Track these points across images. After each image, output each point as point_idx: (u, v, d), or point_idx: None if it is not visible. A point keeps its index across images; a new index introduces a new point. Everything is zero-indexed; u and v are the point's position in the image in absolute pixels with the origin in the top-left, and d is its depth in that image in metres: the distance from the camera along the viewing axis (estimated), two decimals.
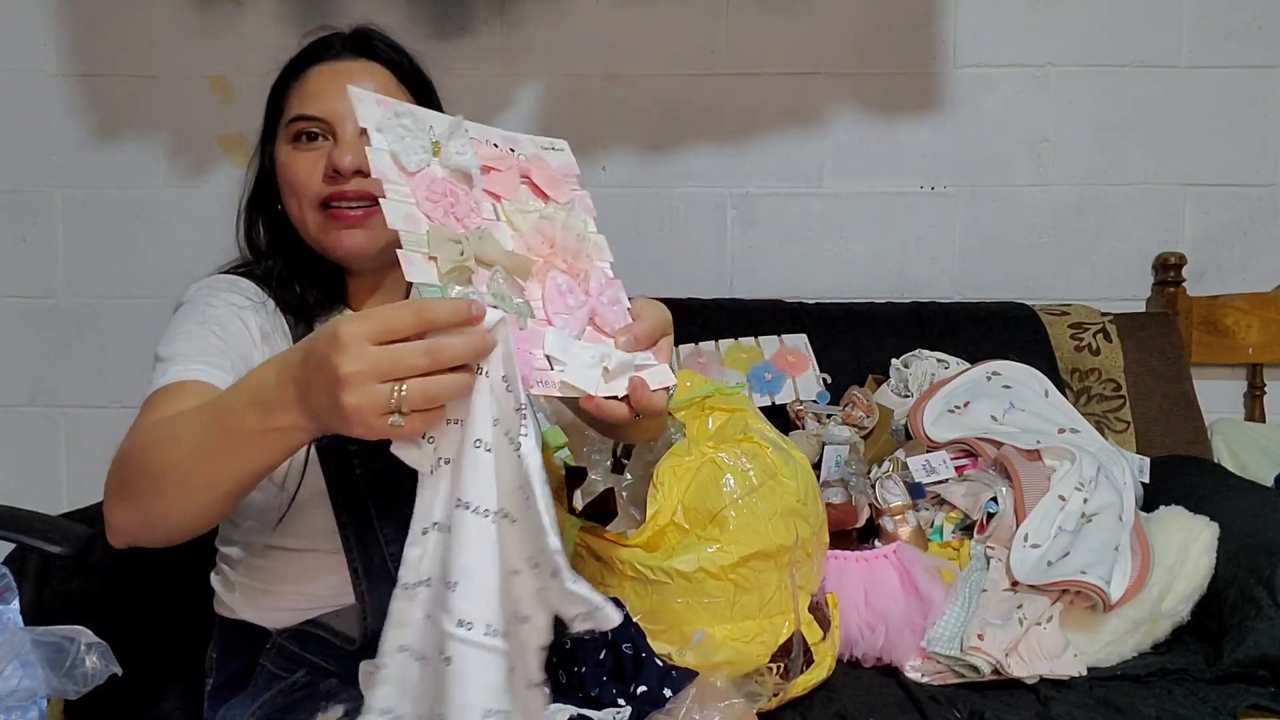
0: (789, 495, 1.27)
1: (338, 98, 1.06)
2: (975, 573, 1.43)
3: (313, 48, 1.13)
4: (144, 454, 0.85)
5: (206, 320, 1.05)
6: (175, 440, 0.83)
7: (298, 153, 1.09)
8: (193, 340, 1.02)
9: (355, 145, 1.06)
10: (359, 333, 0.67)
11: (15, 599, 0.92)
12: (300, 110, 1.09)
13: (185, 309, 1.09)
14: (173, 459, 0.82)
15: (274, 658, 1.10)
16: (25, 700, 0.85)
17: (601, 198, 2.19)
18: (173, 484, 0.82)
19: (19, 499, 1.34)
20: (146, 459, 0.85)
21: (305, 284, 1.13)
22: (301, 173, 1.08)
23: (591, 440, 1.40)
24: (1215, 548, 1.42)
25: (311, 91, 1.09)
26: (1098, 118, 2.03)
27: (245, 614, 1.12)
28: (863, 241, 2.05)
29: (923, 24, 2.01)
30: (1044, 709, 1.25)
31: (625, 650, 1.09)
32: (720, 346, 1.88)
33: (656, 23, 2.00)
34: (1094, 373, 1.89)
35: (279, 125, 1.12)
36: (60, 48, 2.00)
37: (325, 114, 1.08)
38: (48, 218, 2.04)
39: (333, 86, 1.08)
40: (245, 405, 0.77)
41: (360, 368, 0.67)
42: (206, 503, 0.83)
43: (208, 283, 1.13)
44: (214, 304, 1.07)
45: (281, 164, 1.10)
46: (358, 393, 0.67)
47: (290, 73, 1.13)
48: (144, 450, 0.86)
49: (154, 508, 0.85)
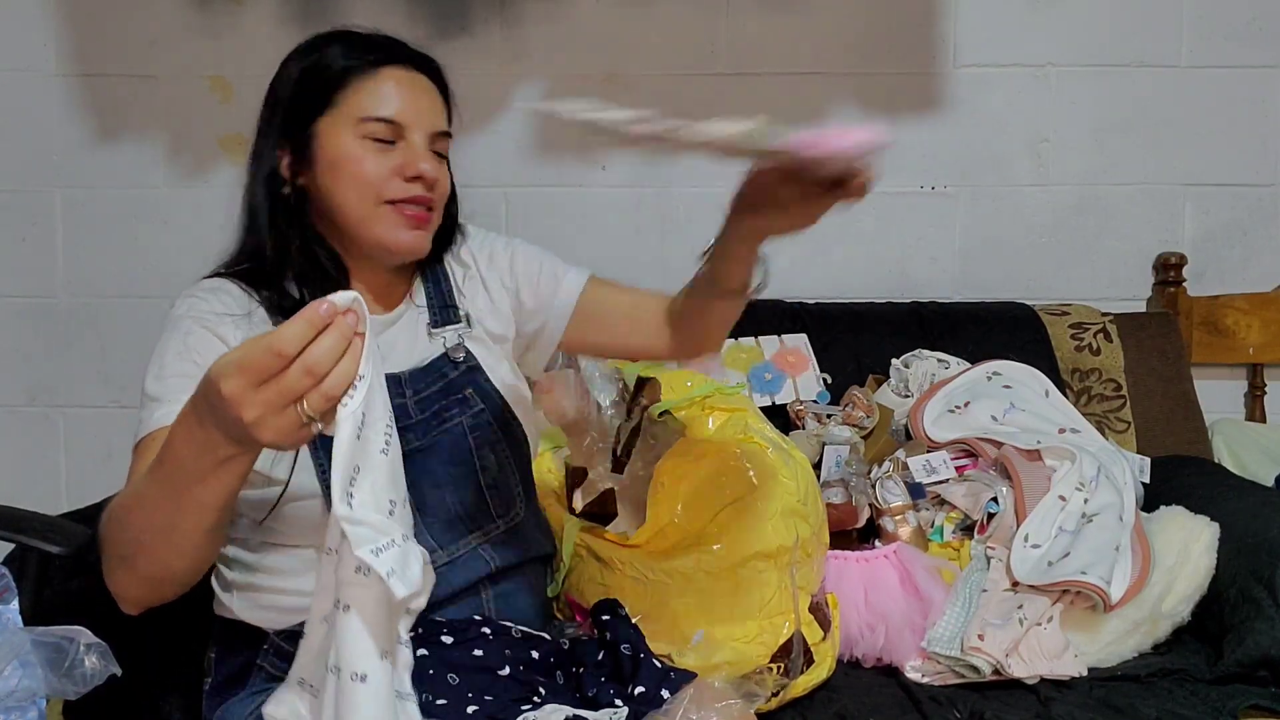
0: (789, 495, 1.27)
1: (414, 103, 1.14)
2: (975, 573, 1.43)
3: (374, 45, 1.16)
4: (122, 525, 0.90)
5: (187, 349, 1.07)
6: (144, 507, 0.87)
7: (369, 149, 1.12)
8: (179, 378, 1.03)
9: (428, 153, 1.14)
10: (238, 387, 0.73)
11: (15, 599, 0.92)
12: (377, 111, 1.12)
13: (169, 334, 1.11)
14: (150, 523, 0.87)
15: (271, 658, 1.10)
16: (24, 700, 0.85)
17: (601, 198, 2.21)
18: (159, 541, 0.87)
19: (19, 499, 1.34)
20: (126, 529, 0.90)
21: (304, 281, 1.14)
22: (371, 169, 1.12)
23: (592, 439, 1.40)
24: (1216, 548, 1.42)
25: (389, 95, 1.13)
26: (1098, 118, 2.03)
27: (243, 615, 1.12)
28: (863, 241, 2.05)
29: (923, 24, 2.01)
30: (1044, 709, 1.25)
31: (623, 651, 1.08)
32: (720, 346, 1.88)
33: (656, 23, 2.00)
34: (1094, 373, 1.89)
35: (326, 112, 1.13)
36: (60, 48, 2.00)
37: (401, 118, 1.13)
38: (48, 218, 2.04)
39: (408, 92, 1.14)
40: (189, 456, 0.81)
41: (259, 413, 0.73)
42: (195, 545, 0.88)
43: (193, 295, 1.14)
44: (193, 329, 1.09)
45: (345, 155, 1.12)
46: (270, 428, 0.73)
47: (349, 64, 1.14)
48: (121, 522, 0.91)
49: (151, 567, 0.90)
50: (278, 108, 1.16)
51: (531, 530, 1.22)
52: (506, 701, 1.00)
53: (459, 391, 1.18)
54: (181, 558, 0.89)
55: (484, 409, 1.18)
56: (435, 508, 1.13)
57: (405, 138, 1.13)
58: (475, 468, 1.16)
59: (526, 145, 2.03)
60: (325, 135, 1.13)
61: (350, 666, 0.74)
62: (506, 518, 1.18)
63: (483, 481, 1.17)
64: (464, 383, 1.19)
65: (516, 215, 2.03)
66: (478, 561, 1.14)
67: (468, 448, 1.16)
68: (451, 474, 1.15)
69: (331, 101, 1.13)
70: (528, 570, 1.21)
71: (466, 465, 1.15)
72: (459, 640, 1.06)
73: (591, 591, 1.26)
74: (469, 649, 1.06)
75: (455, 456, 1.15)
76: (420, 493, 1.12)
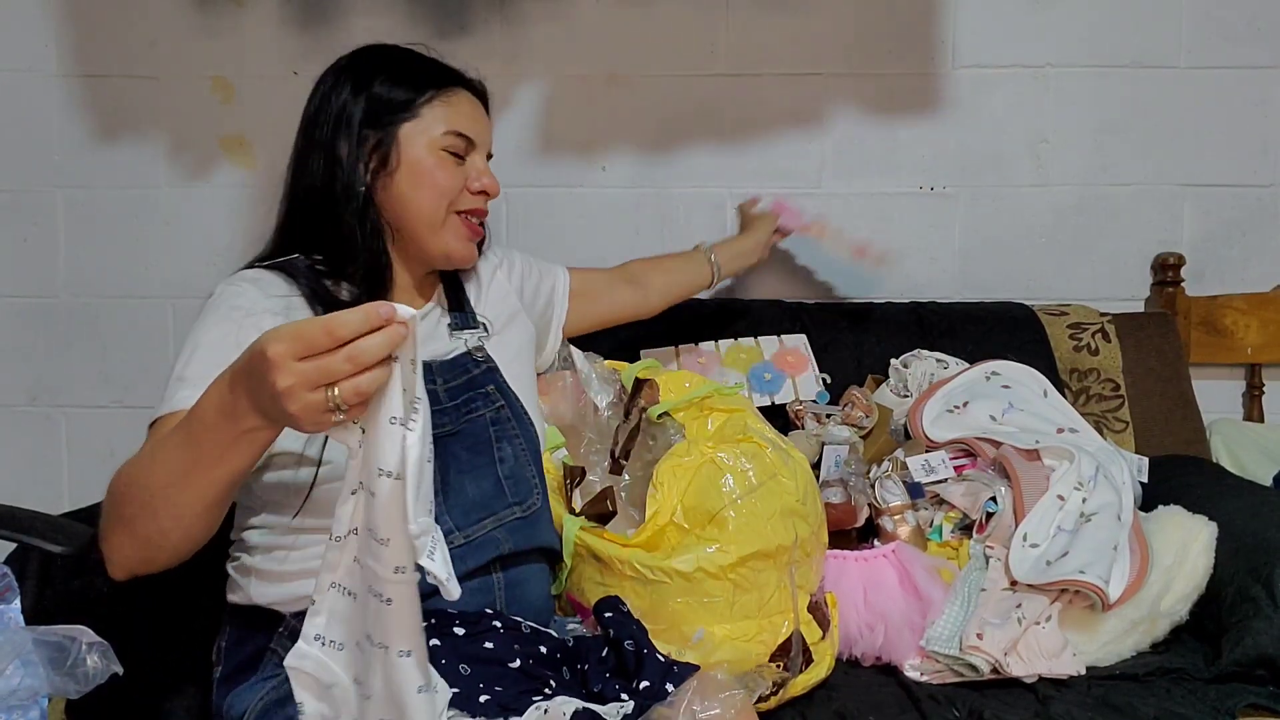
0: (788, 495, 1.27)
1: (483, 125, 1.30)
2: (974, 572, 1.43)
3: (448, 68, 1.30)
4: (132, 482, 0.93)
5: (224, 336, 1.09)
6: (157, 463, 0.91)
7: (446, 161, 1.25)
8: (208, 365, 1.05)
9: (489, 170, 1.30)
10: (283, 353, 0.75)
11: (16, 598, 0.93)
12: (461, 129, 1.26)
13: (207, 316, 1.13)
14: (159, 481, 0.90)
15: (285, 642, 1.12)
16: (27, 699, 0.85)
17: (601, 198, 2.21)
18: (163, 502, 0.90)
19: (19, 499, 1.34)
20: (135, 486, 0.93)
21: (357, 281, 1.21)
22: (448, 180, 1.25)
23: (590, 440, 1.40)
24: (1214, 547, 1.42)
25: (468, 115, 1.28)
26: (1097, 118, 2.03)
27: (261, 598, 1.14)
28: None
29: (922, 24, 2.01)
30: (1043, 708, 1.25)
31: (627, 647, 1.10)
32: (720, 346, 1.88)
33: (656, 23, 2.00)
34: (1093, 373, 1.90)
35: (406, 119, 1.23)
36: (61, 48, 2.01)
37: (475, 136, 1.28)
38: (49, 218, 2.04)
39: (479, 114, 1.31)
40: (212, 419, 0.85)
41: (293, 382, 0.75)
42: (195, 514, 0.91)
43: (234, 283, 1.17)
44: (231, 315, 1.12)
45: (428, 164, 1.23)
46: (297, 401, 0.76)
47: (430, 77, 1.26)
48: (131, 479, 0.93)
49: (149, 530, 0.93)
50: (358, 103, 1.22)
51: (545, 522, 1.27)
52: (517, 693, 1.01)
53: (482, 386, 1.25)
54: (179, 525, 0.92)
55: (504, 404, 1.25)
56: (456, 492, 1.17)
57: (472, 154, 1.27)
58: (494, 459, 1.22)
59: (527, 145, 2.03)
60: (407, 141, 1.23)
61: (396, 645, 0.81)
62: (523, 506, 1.22)
63: (500, 472, 1.22)
64: (485, 380, 1.26)
65: (516, 215, 2.04)
66: (491, 544, 1.17)
67: (488, 439, 1.22)
68: (473, 462, 1.20)
69: (417, 111, 1.23)
70: (538, 559, 1.25)
71: (487, 455, 1.21)
72: (470, 632, 1.08)
73: (592, 591, 1.27)
74: (480, 641, 1.07)
75: (477, 446, 1.21)
76: (445, 477, 1.17)
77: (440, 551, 0.78)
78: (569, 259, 1.62)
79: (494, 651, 1.07)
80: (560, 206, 2.04)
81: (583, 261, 1.66)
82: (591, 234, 2.04)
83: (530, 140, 2.03)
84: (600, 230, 2.04)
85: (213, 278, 1.24)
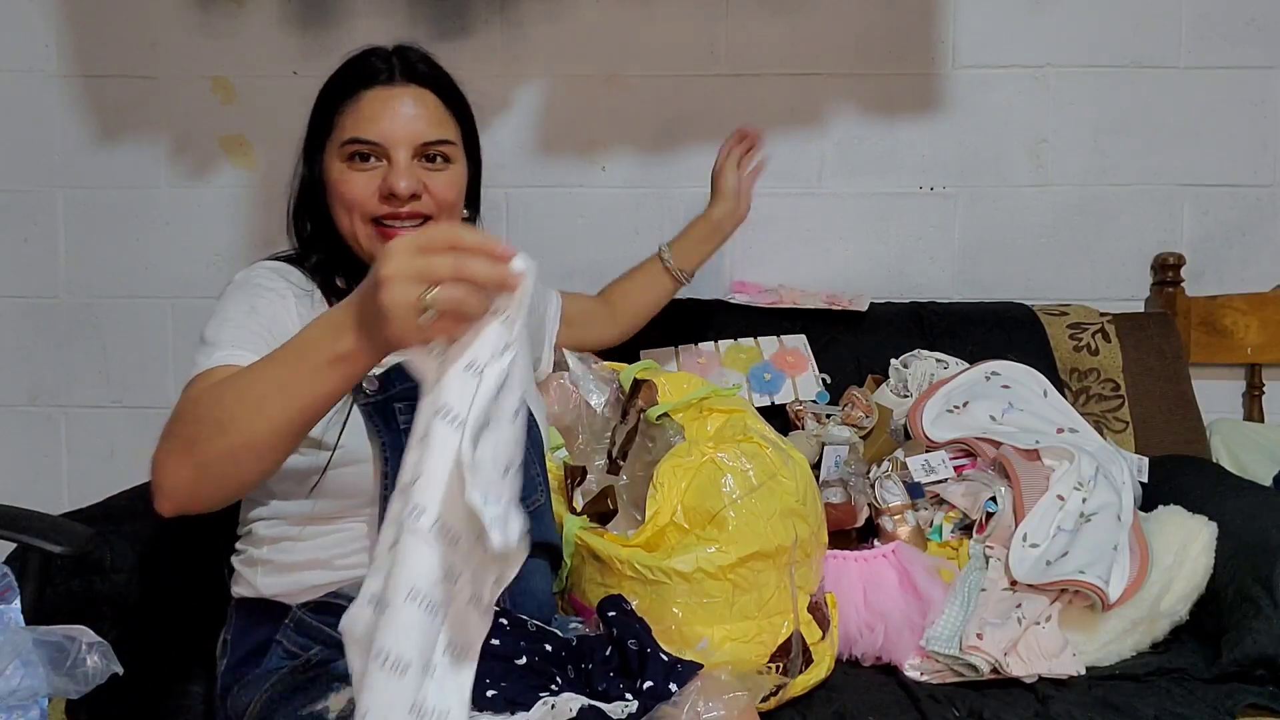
0: (788, 495, 1.27)
1: (391, 122, 1.19)
2: (974, 572, 1.43)
3: (363, 71, 1.23)
4: (209, 399, 0.92)
5: (254, 309, 1.12)
6: (244, 381, 0.90)
7: (353, 172, 1.19)
8: (240, 328, 1.09)
9: (409, 170, 1.19)
10: (402, 243, 0.77)
11: (16, 598, 0.93)
12: (355, 133, 1.19)
13: (233, 293, 1.16)
14: (240, 399, 0.89)
15: (291, 633, 1.12)
16: (27, 699, 0.85)
17: (601, 198, 2.21)
18: (237, 422, 0.88)
19: (19, 499, 1.34)
20: (212, 403, 0.91)
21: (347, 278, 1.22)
22: (356, 190, 1.19)
23: (585, 441, 1.40)
24: (1214, 547, 1.43)
25: (366, 116, 1.20)
26: (1097, 118, 2.03)
27: (268, 590, 1.15)
28: (862, 241, 2.05)
29: (922, 25, 2.01)
30: (1043, 708, 1.25)
31: (630, 647, 1.10)
32: (720, 346, 1.88)
33: (656, 23, 2.00)
34: (1093, 373, 1.90)
35: (327, 140, 1.22)
36: (61, 48, 2.01)
37: (379, 138, 1.19)
38: (49, 218, 2.04)
39: (386, 111, 1.20)
40: (318, 334, 0.86)
41: (396, 269, 0.76)
42: (264, 442, 0.88)
43: (258, 268, 1.20)
44: (261, 293, 1.14)
45: (334, 179, 1.20)
46: (395, 290, 0.76)
47: (340, 92, 1.22)
48: (209, 396, 0.92)
49: (212, 452, 0.90)
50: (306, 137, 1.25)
51: (548, 519, 1.27)
52: (524, 689, 1.01)
53: None
54: (245, 449, 0.89)
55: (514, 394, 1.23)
56: None
57: (389, 156, 1.19)
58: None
59: (526, 145, 2.03)
60: (325, 162, 1.22)
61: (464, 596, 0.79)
62: (527, 502, 1.21)
63: None
64: None
65: (516, 215, 2.04)
66: None
67: None
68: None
69: (329, 131, 1.21)
70: (541, 555, 1.24)
71: None
72: None
73: (592, 592, 1.27)
74: (488, 639, 1.07)
75: None
76: None
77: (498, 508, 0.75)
78: (569, 259, 1.63)
79: (501, 648, 1.07)
80: (560, 206, 2.04)
81: (582, 262, 1.67)
82: (591, 234, 2.04)
83: (530, 140, 2.03)
84: (600, 230, 2.04)
85: (213, 278, 1.25)
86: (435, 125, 1.22)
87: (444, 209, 1.22)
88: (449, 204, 1.23)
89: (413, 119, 1.20)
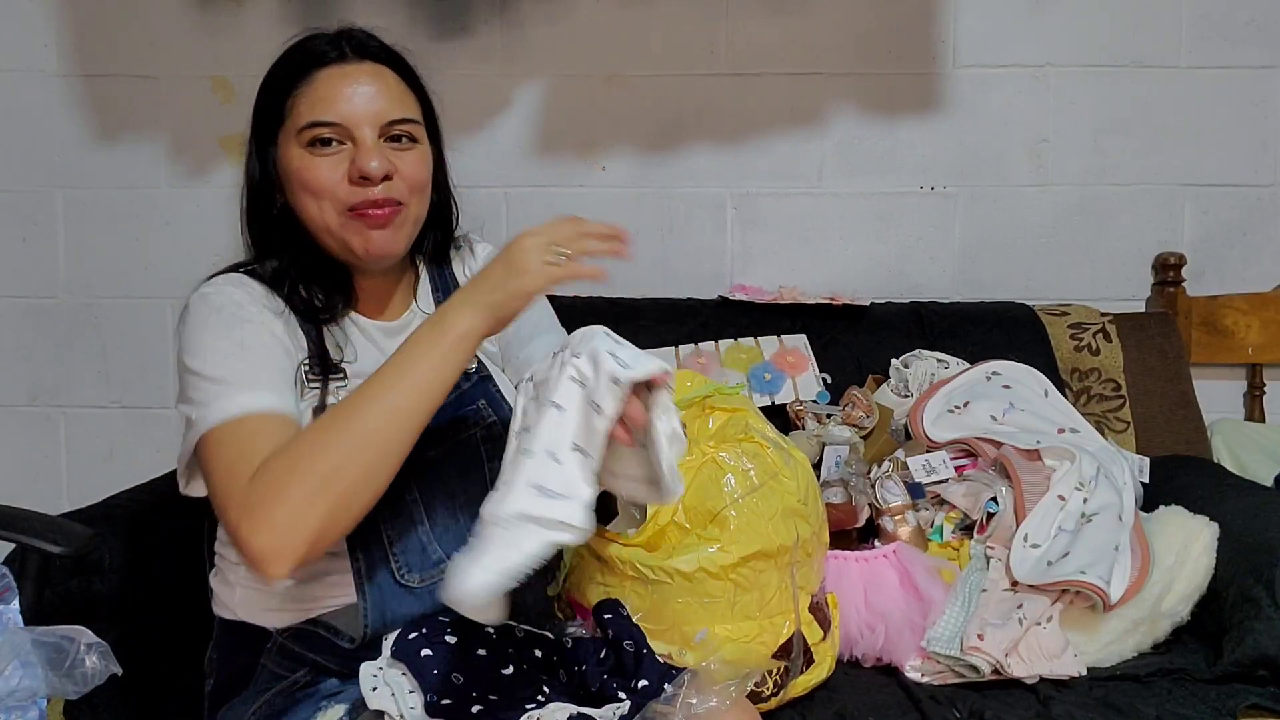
0: (789, 495, 1.27)
1: (351, 101, 1.10)
2: (975, 573, 1.43)
3: (311, 52, 1.13)
4: (318, 449, 0.95)
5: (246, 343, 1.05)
6: (355, 413, 0.96)
7: (316, 158, 1.09)
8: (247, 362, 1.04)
9: (377, 149, 1.10)
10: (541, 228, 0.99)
11: (15, 599, 0.92)
12: (315, 116, 1.09)
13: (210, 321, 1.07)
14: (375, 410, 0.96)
15: (275, 657, 1.10)
16: (25, 700, 0.85)
17: (601, 198, 2.21)
18: (376, 448, 0.95)
19: (19, 499, 1.34)
20: (327, 451, 0.94)
21: (312, 286, 1.14)
22: (322, 177, 1.09)
23: None
24: (1215, 547, 1.42)
25: (323, 97, 1.10)
26: (1097, 118, 2.03)
27: (245, 615, 1.12)
28: (862, 241, 2.05)
29: (923, 24, 2.01)
30: (1044, 709, 1.25)
31: (626, 648, 1.09)
32: (720, 346, 1.88)
33: (656, 23, 2.00)
34: (1094, 373, 1.90)
35: (280, 128, 1.12)
36: (61, 48, 2.01)
37: (342, 119, 1.09)
38: (49, 218, 2.04)
39: (344, 90, 1.10)
40: (424, 337, 0.98)
41: (540, 238, 0.98)
42: (409, 443, 0.98)
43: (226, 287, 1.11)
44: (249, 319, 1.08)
45: (296, 169, 1.10)
46: (535, 249, 0.97)
47: (290, 76, 1.12)
48: (315, 447, 0.95)
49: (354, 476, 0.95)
50: (252, 130, 1.16)
51: None
52: (510, 701, 1.00)
53: (472, 403, 1.19)
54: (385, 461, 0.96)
55: (495, 420, 1.18)
56: (447, 520, 1.13)
57: (354, 138, 1.10)
58: (486, 481, 1.14)
59: (527, 145, 2.03)
60: (281, 151, 1.12)
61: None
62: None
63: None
64: (476, 394, 1.20)
65: (516, 215, 2.04)
66: None
67: (480, 459, 1.16)
68: (464, 487, 1.15)
69: (281, 118, 1.11)
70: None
71: (479, 476, 1.16)
72: (463, 640, 1.07)
73: (592, 592, 1.26)
74: (473, 648, 1.06)
75: (468, 469, 1.16)
76: (432, 505, 1.12)
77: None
78: None
79: (487, 658, 1.06)
80: (560, 206, 2.04)
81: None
82: None
83: (530, 140, 2.03)
84: None
85: None
86: (398, 103, 1.13)
87: (415, 190, 1.14)
88: (420, 184, 1.15)
89: (374, 96, 1.10)
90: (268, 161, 1.14)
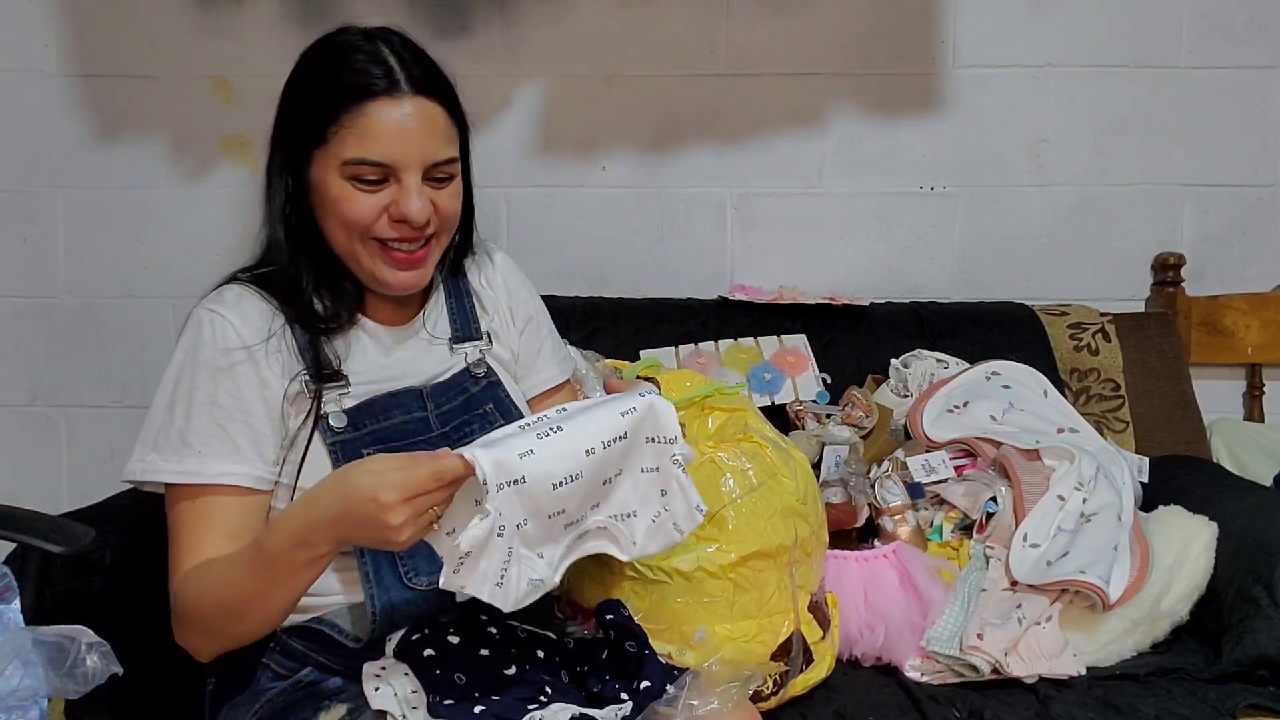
0: (789, 495, 1.27)
1: (403, 143, 1.07)
2: (974, 572, 1.43)
3: (362, 76, 1.08)
4: (209, 603, 1.04)
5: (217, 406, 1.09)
6: (234, 586, 1.02)
7: (358, 193, 1.08)
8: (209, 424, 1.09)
9: (419, 193, 1.09)
10: (395, 499, 0.89)
11: (16, 599, 0.92)
12: (363, 154, 1.07)
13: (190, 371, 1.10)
14: (240, 597, 1.02)
15: (278, 656, 1.10)
16: (26, 700, 0.85)
17: (601, 198, 2.21)
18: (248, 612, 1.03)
19: (19, 499, 1.34)
20: (215, 606, 1.04)
21: (324, 294, 1.15)
22: (362, 213, 1.08)
23: None
24: (1214, 547, 1.43)
25: (372, 134, 1.07)
26: (1097, 118, 2.03)
27: None
28: (862, 241, 2.05)
29: (922, 24, 2.01)
30: (1043, 708, 1.25)
31: (628, 648, 1.09)
32: (720, 346, 1.88)
33: (656, 23, 2.00)
34: (1093, 373, 1.90)
35: (318, 148, 1.09)
36: (61, 48, 2.01)
37: (390, 160, 1.08)
38: (49, 218, 2.04)
39: (396, 130, 1.07)
40: (286, 549, 0.97)
41: (405, 518, 0.90)
42: (283, 610, 1.03)
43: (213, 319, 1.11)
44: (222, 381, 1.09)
45: (335, 196, 1.09)
46: (408, 531, 0.91)
47: (335, 99, 1.08)
48: (207, 597, 1.04)
49: (236, 631, 1.05)
50: (281, 132, 1.14)
51: None
52: (513, 701, 1.01)
53: (479, 407, 1.20)
54: (267, 623, 1.04)
55: (502, 424, 1.17)
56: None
57: (397, 177, 1.08)
58: None
59: (527, 145, 2.03)
60: (317, 170, 1.10)
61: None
62: None
63: None
64: (485, 398, 1.21)
65: (516, 215, 2.04)
66: None
67: None
68: None
69: (324, 137, 1.08)
70: None
71: None
72: (465, 640, 1.07)
73: (592, 592, 1.26)
74: (475, 649, 1.07)
75: None
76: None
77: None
78: (569, 259, 1.62)
79: (489, 659, 1.06)
80: (560, 206, 2.04)
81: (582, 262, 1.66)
82: (591, 234, 2.04)
83: (530, 140, 2.03)
84: (600, 230, 2.04)
85: (213, 278, 1.22)
86: (445, 144, 1.11)
87: (447, 224, 1.15)
88: (454, 216, 1.16)
89: (424, 138, 1.09)
90: (300, 175, 1.12)
